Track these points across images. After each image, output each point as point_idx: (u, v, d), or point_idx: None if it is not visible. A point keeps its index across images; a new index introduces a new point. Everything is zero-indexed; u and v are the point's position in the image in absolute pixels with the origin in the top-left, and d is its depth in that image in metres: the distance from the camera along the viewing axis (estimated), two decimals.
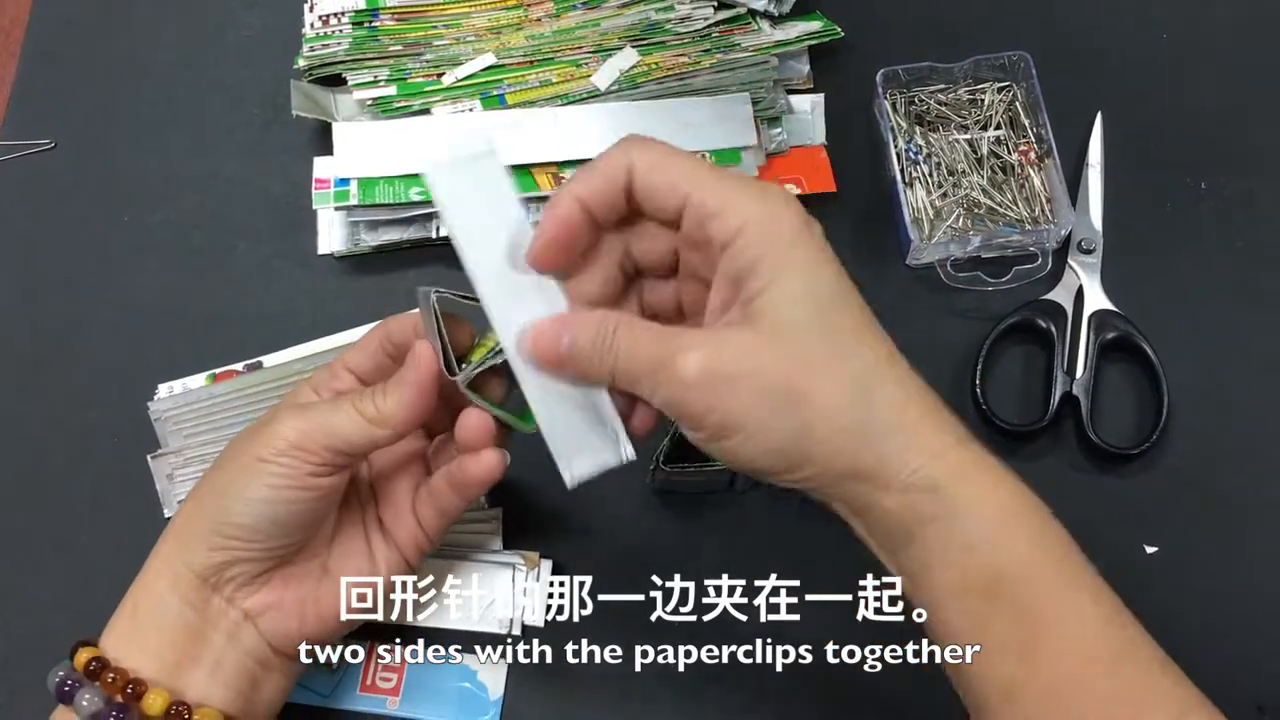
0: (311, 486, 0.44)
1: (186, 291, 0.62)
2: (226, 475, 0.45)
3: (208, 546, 0.44)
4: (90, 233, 0.64)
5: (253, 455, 0.44)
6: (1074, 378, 0.57)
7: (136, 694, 0.42)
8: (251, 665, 0.45)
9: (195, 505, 0.45)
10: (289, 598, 0.46)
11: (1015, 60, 0.64)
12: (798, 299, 0.39)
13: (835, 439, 0.39)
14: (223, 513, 0.44)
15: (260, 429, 0.45)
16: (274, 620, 0.45)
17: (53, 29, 0.70)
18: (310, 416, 0.44)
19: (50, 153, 0.66)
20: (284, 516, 0.44)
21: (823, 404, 0.39)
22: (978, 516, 0.39)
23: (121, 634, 0.44)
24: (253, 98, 0.67)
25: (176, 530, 0.45)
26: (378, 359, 0.48)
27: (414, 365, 0.44)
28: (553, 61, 0.64)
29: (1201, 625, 0.54)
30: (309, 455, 0.44)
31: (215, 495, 0.44)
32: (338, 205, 0.61)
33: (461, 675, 0.52)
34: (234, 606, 0.45)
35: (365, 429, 0.44)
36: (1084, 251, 0.61)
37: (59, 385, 0.60)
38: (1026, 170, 0.63)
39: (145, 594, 0.45)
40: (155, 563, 0.45)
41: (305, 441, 0.44)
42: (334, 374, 0.48)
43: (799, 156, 0.64)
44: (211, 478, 0.45)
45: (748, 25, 0.66)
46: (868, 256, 0.62)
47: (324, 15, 0.66)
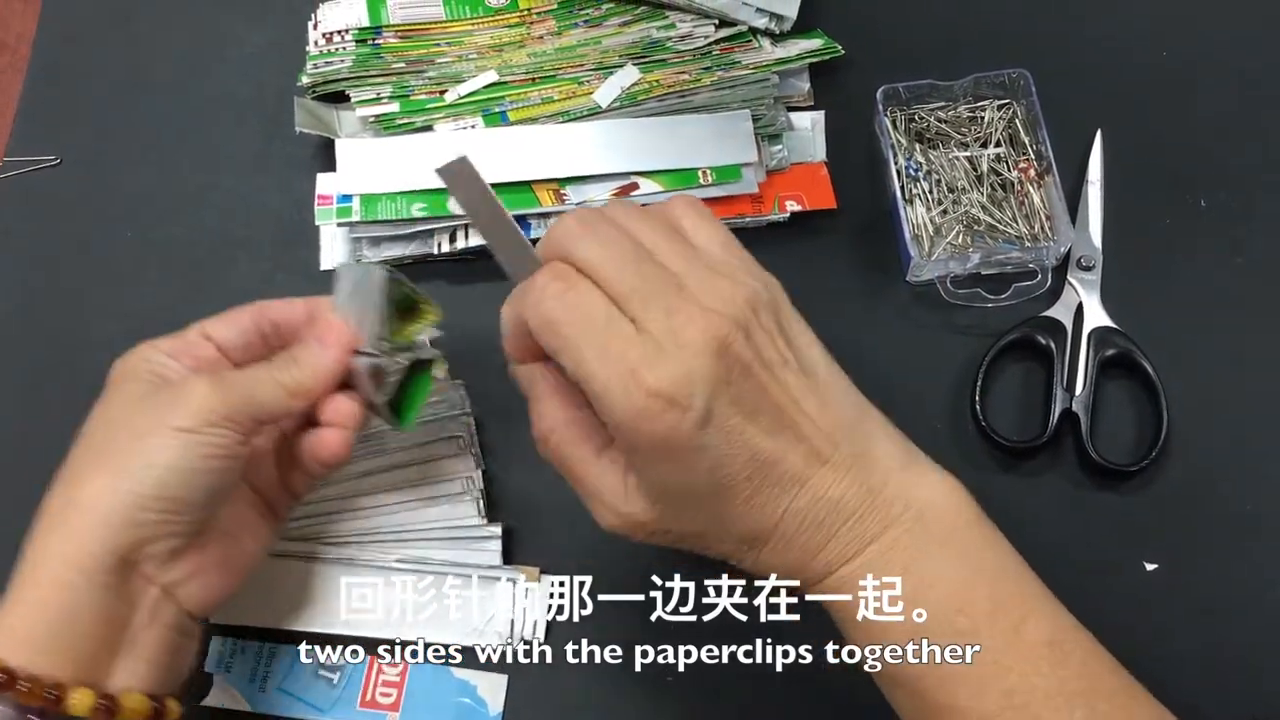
0: (239, 455, 0.45)
1: (189, 306, 0.62)
2: (142, 448, 0.43)
3: (132, 522, 0.42)
4: (94, 248, 0.64)
5: (174, 426, 0.43)
6: (1073, 394, 0.58)
7: (57, 697, 0.40)
8: (172, 636, 0.44)
9: (104, 481, 0.43)
10: (206, 563, 0.45)
11: (1015, 77, 0.64)
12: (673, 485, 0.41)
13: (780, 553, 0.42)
14: (150, 486, 0.42)
15: (164, 399, 0.44)
16: (196, 588, 0.45)
17: (59, 46, 0.71)
18: (232, 386, 0.45)
19: (55, 168, 0.66)
20: (214, 486, 0.44)
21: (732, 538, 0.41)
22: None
23: (22, 632, 0.41)
24: (256, 114, 0.67)
25: (80, 510, 0.43)
26: (247, 336, 0.49)
27: (333, 335, 0.47)
28: (554, 79, 0.64)
29: (1200, 641, 0.54)
30: (238, 425, 0.44)
31: (134, 470, 0.43)
32: (340, 221, 0.61)
33: (461, 690, 0.53)
34: (153, 583, 0.44)
35: (284, 399, 0.46)
36: (1083, 268, 0.61)
37: (62, 399, 0.60)
38: (1026, 187, 0.63)
39: (48, 586, 0.42)
40: (53, 550, 0.42)
41: (234, 412, 0.44)
42: (192, 342, 0.48)
43: (799, 173, 0.64)
44: (114, 453, 0.44)
45: (748, 43, 0.66)
46: (867, 273, 0.62)
47: (328, 33, 0.66)
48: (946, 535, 0.41)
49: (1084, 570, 0.55)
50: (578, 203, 0.61)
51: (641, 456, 0.40)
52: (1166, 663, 0.48)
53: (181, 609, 0.45)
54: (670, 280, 0.40)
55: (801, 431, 0.40)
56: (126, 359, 0.48)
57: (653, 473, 0.40)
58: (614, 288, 0.39)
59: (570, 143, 0.62)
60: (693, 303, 0.39)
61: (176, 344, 0.48)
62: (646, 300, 0.39)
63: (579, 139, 0.62)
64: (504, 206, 0.44)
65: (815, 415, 0.40)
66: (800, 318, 0.43)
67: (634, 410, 0.38)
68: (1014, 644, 0.39)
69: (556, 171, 0.61)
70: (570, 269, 0.40)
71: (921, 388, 0.59)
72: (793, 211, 0.62)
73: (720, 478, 0.39)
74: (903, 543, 0.40)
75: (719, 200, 0.62)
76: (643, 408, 0.37)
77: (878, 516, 0.40)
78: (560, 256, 0.40)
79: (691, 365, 0.38)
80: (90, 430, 0.46)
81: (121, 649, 0.43)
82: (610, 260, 0.39)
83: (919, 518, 0.41)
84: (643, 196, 0.61)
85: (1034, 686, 0.39)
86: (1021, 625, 0.40)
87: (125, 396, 0.46)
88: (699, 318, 0.38)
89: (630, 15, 0.68)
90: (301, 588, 0.54)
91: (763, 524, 0.40)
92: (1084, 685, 0.39)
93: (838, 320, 0.61)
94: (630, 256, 0.40)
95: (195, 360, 0.47)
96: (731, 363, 0.38)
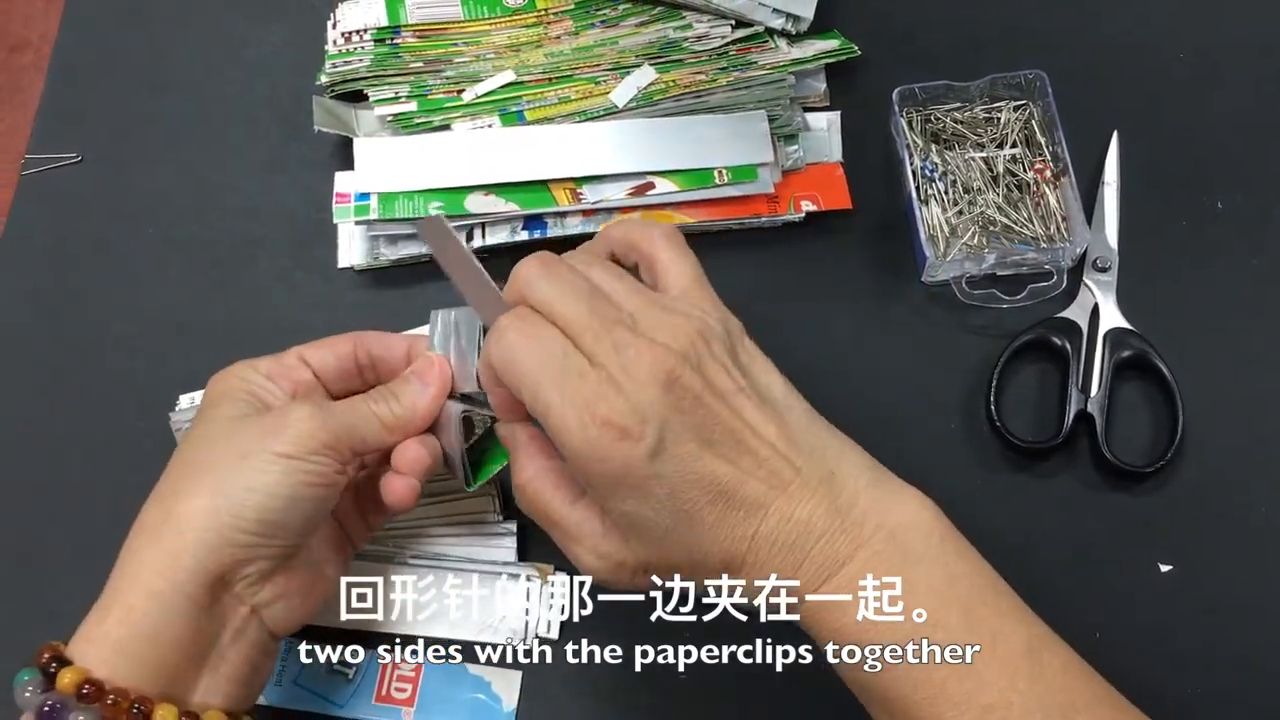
0: (336, 484, 0.45)
1: (208, 303, 0.63)
2: (244, 470, 0.43)
3: (230, 543, 0.43)
4: (114, 245, 0.65)
5: (276, 451, 0.43)
6: (1089, 395, 0.58)
7: (144, 713, 0.40)
8: (254, 655, 0.45)
9: (204, 500, 0.43)
10: (293, 587, 0.46)
11: (1031, 79, 0.64)
12: (639, 533, 0.42)
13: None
14: (252, 509, 0.43)
15: (267, 423, 0.45)
16: (281, 610, 0.45)
17: (80, 45, 0.71)
18: (334, 416, 0.45)
19: (77, 166, 0.67)
20: (311, 513, 0.45)
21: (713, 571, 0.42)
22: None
23: (110, 642, 0.42)
24: (275, 113, 0.68)
25: (178, 526, 0.43)
26: (344, 364, 0.49)
27: (434, 373, 0.47)
28: (571, 79, 0.65)
29: (1215, 643, 0.53)
30: (338, 454, 0.45)
31: (236, 491, 0.43)
32: (358, 220, 0.62)
33: (476, 686, 0.53)
34: (243, 603, 0.44)
35: (380, 432, 0.46)
36: (1099, 269, 0.61)
37: (82, 396, 0.61)
38: (1042, 188, 0.63)
39: (140, 597, 0.42)
40: (149, 563, 0.43)
41: (336, 441, 0.45)
42: (290, 366, 0.48)
43: (815, 174, 0.64)
44: (216, 472, 0.44)
45: (765, 44, 0.67)
46: (882, 273, 0.63)
47: (346, 32, 0.67)
48: (920, 553, 0.41)
49: (1098, 572, 0.55)
50: (594, 202, 0.61)
51: (603, 491, 0.41)
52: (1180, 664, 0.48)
53: (265, 629, 0.45)
54: (621, 318, 0.42)
55: (759, 456, 0.41)
56: (223, 378, 0.48)
57: (619, 506, 0.41)
58: (569, 327, 0.41)
59: (587, 142, 0.62)
60: (643, 337, 0.41)
61: (274, 366, 0.48)
62: (599, 336, 0.41)
63: (595, 139, 0.62)
64: (475, 260, 0.46)
65: (774, 440, 0.41)
66: (758, 350, 0.44)
67: (589, 441, 0.39)
68: (991, 659, 0.39)
69: (573, 171, 0.61)
70: (529, 310, 0.42)
71: (936, 388, 0.59)
72: (808, 212, 0.63)
73: (681, 505, 0.40)
74: (874, 563, 0.40)
75: (734, 200, 0.62)
76: (596, 438, 0.39)
77: (849, 537, 0.41)
78: (521, 299, 0.43)
79: (641, 397, 0.39)
80: (190, 447, 0.46)
81: (207, 665, 0.43)
82: (565, 300, 0.42)
83: (890, 537, 0.41)
84: (659, 196, 0.61)
85: (1011, 702, 0.39)
86: (997, 638, 0.40)
87: (225, 416, 0.46)
88: (647, 351, 0.40)
89: (647, 15, 0.68)
90: None
91: (733, 549, 0.41)
92: (1062, 697, 0.39)
93: (852, 320, 0.62)
94: (584, 296, 0.42)
95: (293, 384, 0.48)
96: (681, 393, 0.40)
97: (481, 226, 0.62)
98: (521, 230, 0.61)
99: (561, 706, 0.53)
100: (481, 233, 0.62)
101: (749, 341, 0.44)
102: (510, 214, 0.61)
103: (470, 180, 0.61)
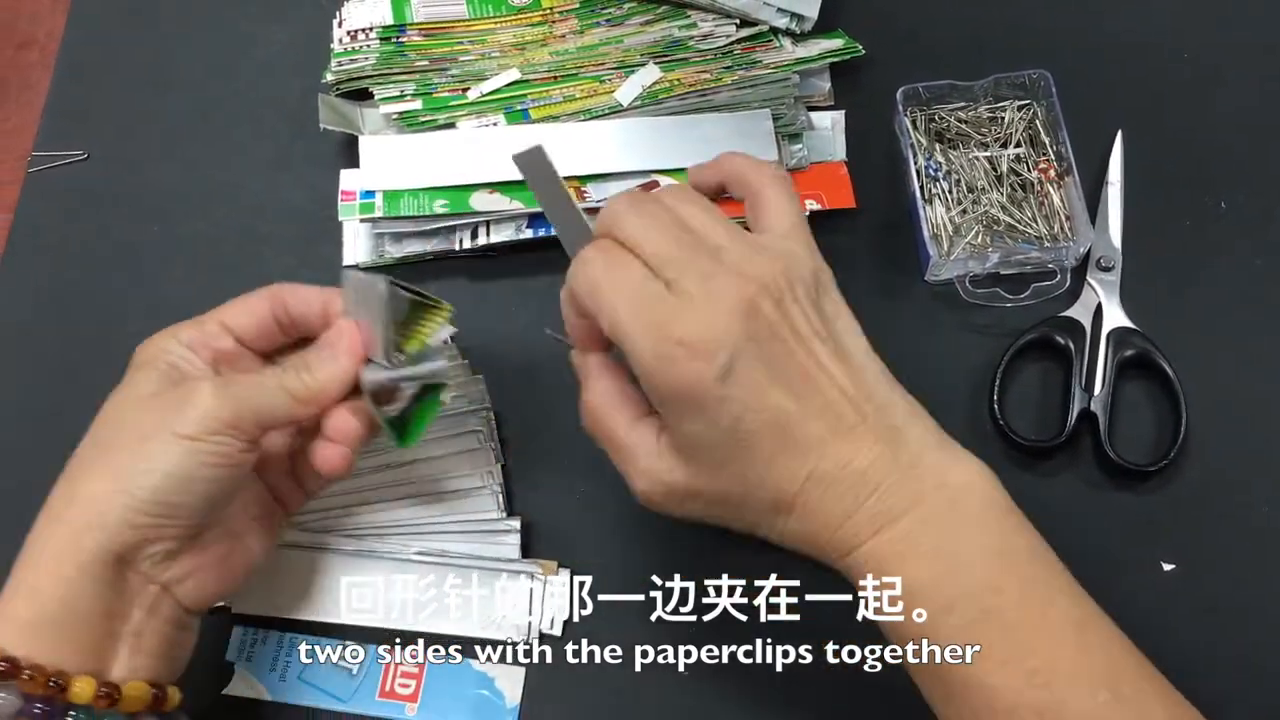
0: (243, 463, 0.45)
1: (214, 300, 0.62)
2: (143, 452, 0.43)
3: (128, 525, 0.42)
4: (121, 242, 0.65)
5: (174, 432, 0.43)
6: (1092, 394, 0.58)
7: (61, 686, 0.41)
8: (170, 630, 0.45)
9: (104, 483, 0.43)
10: (206, 562, 0.46)
11: (1035, 78, 0.64)
12: (704, 451, 0.42)
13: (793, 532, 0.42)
14: (148, 491, 0.42)
15: (170, 401, 0.44)
16: (193, 586, 0.45)
17: (87, 42, 0.72)
18: (238, 394, 0.45)
19: (83, 164, 0.67)
20: (215, 493, 0.44)
21: (761, 516, 0.42)
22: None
23: (19, 622, 0.42)
24: (281, 111, 0.68)
25: (80, 508, 0.43)
26: (265, 325, 0.49)
27: (345, 342, 0.47)
28: (576, 77, 0.65)
29: (1217, 642, 0.54)
30: (242, 433, 0.44)
31: (133, 474, 0.43)
32: (363, 217, 0.62)
33: (479, 682, 0.53)
34: (152, 581, 0.44)
35: (291, 407, 0.46)
36: (1103, 269, 0.61)
37: (88, 393, 0.61)
38: (1046, 188, 0.63)
39: (46, 579, 0.42)
40: (52, 544, 0.43)
41: (238, 420, 0.44)
42: (211, 334, 0.48)
43: (819, 172, 0.64)
44: (117, 453, 0.44)
45: (769, 43, 0.67)
46: (887, 272, 0.63)
47: (352, 30, 0.67)
48: (980, 517, 0.41)
49: (1101, 570, 0.55)
50: (599, 200, 0.61)
51: (669, 408, 0.41)
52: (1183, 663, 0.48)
53: (180, 605, 0.45)
54: (707, 251, 0.42)
55: (827, 397, 0.41)
56: (146, 346, 0.48)
57: (681, 425, 0.41)
58: (652, 259, 0.42)
59: (592, 141, 0.62)
60: (727, 269, 0.41)
61: (195, 334, 0.48)
62: (682, 267, 0.41)
63: (600, 137, 0.63)
64: (570, 193, 0.47)
65: (844, 385, 0.41)
66: (845, 304, 0.44)
67: (660, 358, 0.40)
68: (1041, 625, 0.40)
69: (578, 169, 0.62)
70: (613, 242, 0.43)
71: (940, 387, 0.59)
72: (812, 211, 0.63)
73: (743, 433, 0.40)
74: (934, 521, 0.40)
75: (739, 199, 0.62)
76: (669, 355, 0.40)
77: (907, 492, 0.40)
78: (608, 234, 0.43)
79: (717, 321, 0.40)
80: (99, 423, 0.46)
81: (121, 641, 0.44)
82: (650, 232, 0.42)
83: (952, 499, 0.41)
84: None
85: (1057, 668, 0.39)
86: (1049, 608, 0.40)
87: (137, 391, 0.46)
88: (730, 280, 0.41)
89: (652, 14, 0.68)
90: (322, 578, 0.54)
91: (786, 488, 0.41)
92: (1108, 669, 0.40)
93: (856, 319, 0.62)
94: (670, 229, 0.43)
95: (213, 353, 0.48)
96: (758, 324, 0.40)
97: (486, 225, 0.62)
98: (526, 228, 0.62)
99: (565, 703, 0.53)
100: (486, 231, 0.62)
101: (837, 294, 0.44)
102: (515, 212, 0.61)
103: (475, 178, 0.61)
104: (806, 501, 0.41)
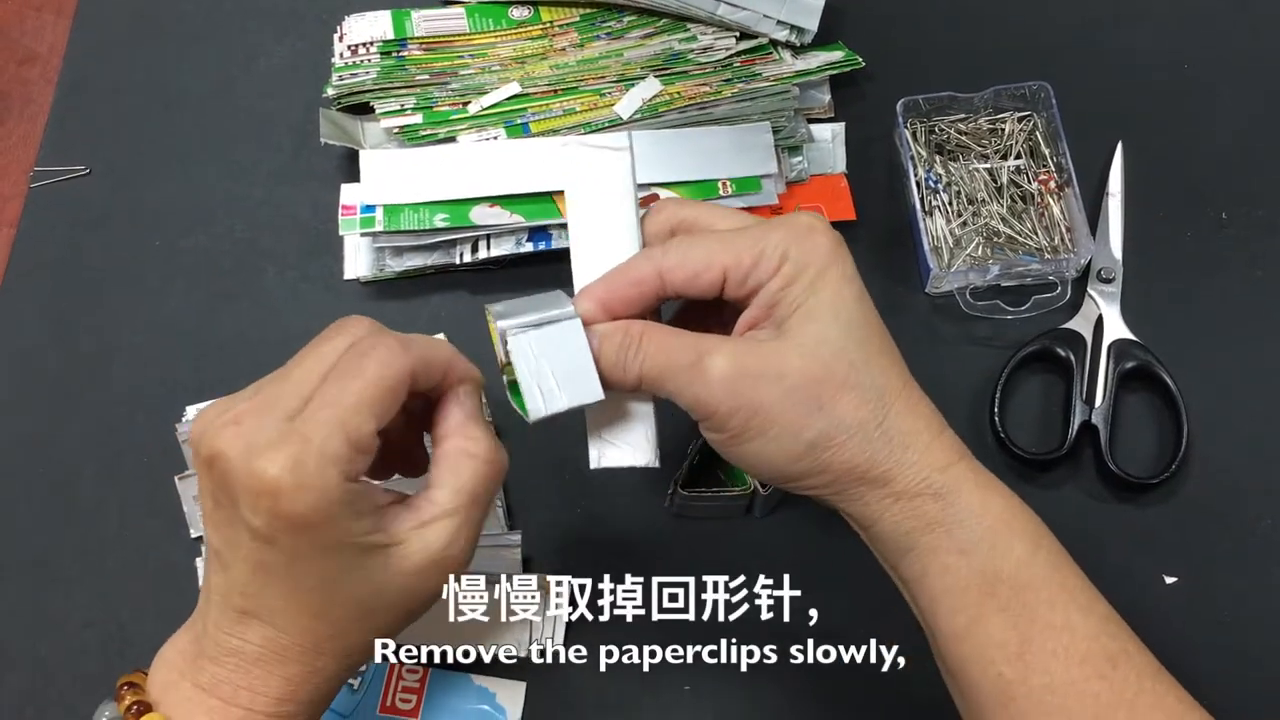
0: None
1: (215, 314, 0.63)
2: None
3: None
4: (122, 256, 0.65)
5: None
6: (1093, 407, 0.58)
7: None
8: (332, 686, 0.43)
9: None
10: None
11: (1035, 90, 0.64)
12: (826, 319, 0.41)
13: (851, 450, 0.41)
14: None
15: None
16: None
17: (89, 58, 0.72)
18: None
19: (85, 178, 0.67)
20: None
21: (843, 415, 0.40)
22: (976, 522, 0.41)
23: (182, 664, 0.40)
24: (282, 125, 0.68)
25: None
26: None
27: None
28: (576, 91, 0.65)
29: (1221, 656, 0.53)
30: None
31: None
32: (364, 231, 0.62)
33: (480, 697, 0.53)
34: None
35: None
36: (1103, 280, 0.61)
37: (89, 406, 0.61)
38: (1046, 199, 0.63)
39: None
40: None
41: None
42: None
43: (819, 185, 0.64)
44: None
45: (769, 55, 0.67)
46: (887, 284, 0.63)
47: (353, 45, 0.67)
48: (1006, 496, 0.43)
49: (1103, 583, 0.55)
50: None
51: (806, 282, 0.41)
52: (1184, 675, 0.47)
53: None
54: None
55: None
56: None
57: (815, 302, 0.41)
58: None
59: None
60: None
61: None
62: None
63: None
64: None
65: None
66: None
67: (806, 227, 0.42)
68: (1060, 591, 0.41)
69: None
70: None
71: (940, 399, 0.59)
72: None
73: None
74: (973, 472, 0.43)
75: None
76: (812, 224, 0.43)
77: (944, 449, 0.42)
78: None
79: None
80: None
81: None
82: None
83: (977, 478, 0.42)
84: None
85: (1074, 627, 0.40)
86: (1068, 579, 0.42)
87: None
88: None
89: (652, 28, 0.68)
90: None
91: (896, 376, 0.42)
92: (1115, 645, 0.41)
93: None
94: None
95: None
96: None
97: (486, 238, 0.62)
98: (526, 242, 0.62)
99: (566, 717, 0.53)
100: (486, 244, 0.62)
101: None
102: (515, 225, 0.61)
103: (475, 192, 0.61)
104: (911, 394, 0.42)
